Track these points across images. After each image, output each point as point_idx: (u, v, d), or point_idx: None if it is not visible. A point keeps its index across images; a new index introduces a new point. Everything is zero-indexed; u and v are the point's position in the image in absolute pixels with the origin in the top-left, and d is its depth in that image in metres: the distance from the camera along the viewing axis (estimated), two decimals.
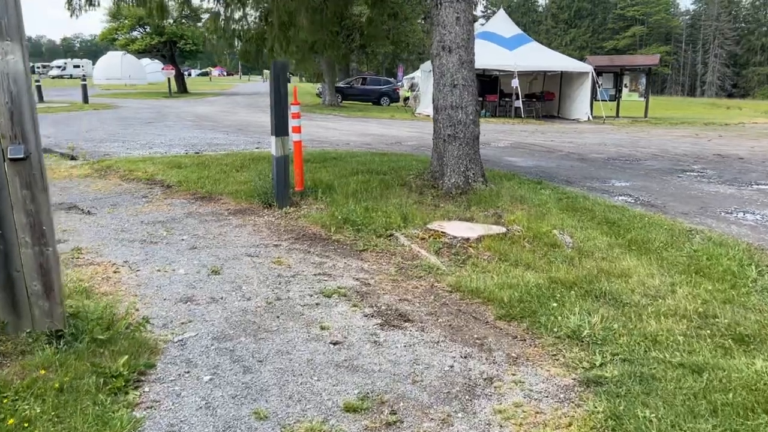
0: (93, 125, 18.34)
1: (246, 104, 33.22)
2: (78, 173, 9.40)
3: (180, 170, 8.99)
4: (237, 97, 41.22)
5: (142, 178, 8.67)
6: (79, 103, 27.93)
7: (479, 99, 27.43)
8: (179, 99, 36.86)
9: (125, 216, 6.47)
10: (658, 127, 23.16)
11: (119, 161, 10.05)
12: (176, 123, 19.78)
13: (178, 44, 41.82)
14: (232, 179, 8.23)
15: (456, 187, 7.62)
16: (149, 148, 13.19)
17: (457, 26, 7.62)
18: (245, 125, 19.73)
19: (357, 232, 5.57)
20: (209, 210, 6.76)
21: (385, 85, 38.95)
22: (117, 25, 41.24)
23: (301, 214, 6.36)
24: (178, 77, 43.52)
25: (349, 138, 16.60)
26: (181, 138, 15.32)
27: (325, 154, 11.30)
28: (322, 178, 8.14)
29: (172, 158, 10.31)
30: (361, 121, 24.09)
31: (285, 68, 6.41)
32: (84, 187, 8.22)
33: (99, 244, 5.37)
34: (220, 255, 5.10)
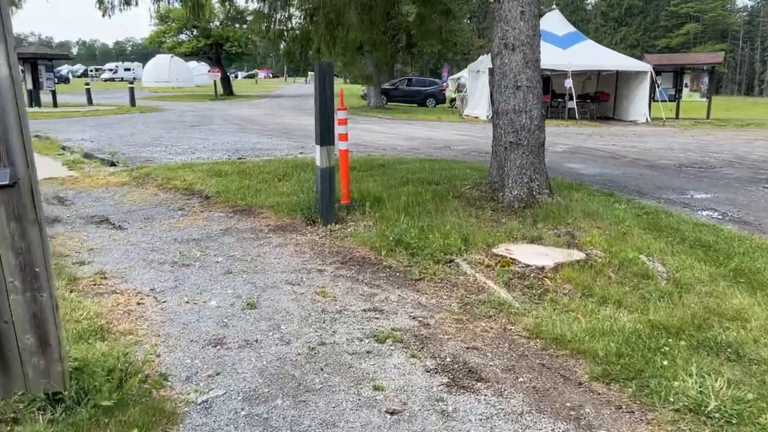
0: (137, 128, 18.23)
1: (290, 107, 32.98)
2: (116, 181, 9.02)
3: (220, 179, 8.49)
4: (282, 100, 41.13)
5: (180, 187, 8.21)
6: (126, 106, 28.17)
7: None
8: (225, 101, 36.97)
9: (158, 232, 5.95)
10: (724, 129, 21.69)
11: (158, 168, 9.64)
12: (220, 126, 19.52)
13: (224, 46, 42.02)
14: (273, 190, 7.66)
15: (518, 200, 6.85)
16: (191, 153, 12.83)
17: (521, 21, 6.86)
18: (290, 129, 19.31)
19: (411, 257, 4.88)
20: (248, 226, 6.19)
21: (431, 86, 38.18)
22: (165, 28, 41.71)
23: (347, 233, 5.72)
24: (224, 80, 43.76)
25: (395, 142, 15.95)
26: (225, 142, 14.95)
27: (372, 160, 10.67)
28: (369, 189, 7.49)
29: (213, 165, 9.84)
30: (407, 123, 23.41)
31: (330, 69, 5.79)
32: (119, 197, 7.79)
33: (126, 266, 4.84)
34: (258, 282, 4.49)
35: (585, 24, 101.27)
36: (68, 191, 8.21)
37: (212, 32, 41.08)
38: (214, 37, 41.04)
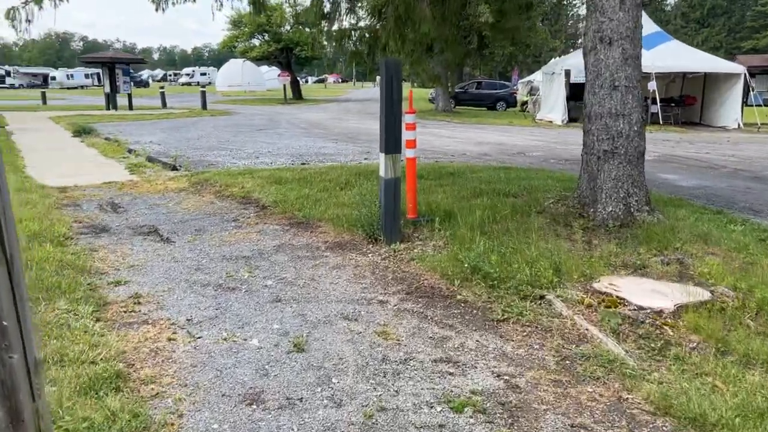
0: (206, 132, 18.20)
1: (357, 111, 32.63)
2: (174, 186, 8.65)
3: (279, 187, 7.94)
4: (349, 104, 40.94)
5: (237, 195, 7.72)
6: (197, 110, 28.58)
7: (574, 103, 24.93)
8: (293, 105, 37.09)
9: (207, 247, 5.41)
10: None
11: (218, 174, 9.23)
12: (287, 130, 19.26)
13: (294, 51, 42.26)
14: (333, 200, 7.03)
15: (613, 217, 5.91)
16: (255, 158, 12.47)
17: (620, 11, 5.93)
18: (355, 133, 18.80)
19: (491, 289, 4.07)
20: (304, 242, 5.56)
21: (502, 89, 36.95)
22: (237, 33, 42.40)
23: (414, 254, 4.97)
24: (294, 84, 44.05)
25: (465, 147, 15.10)
26: (290, 147, 14.57)
27: (441, 168, 9.89)
28: (438, 201, 6.73)
29: (273, 171, 9.34)
30: (477, 128, 22.46)
31: (398, 68, 5.07)
32: (174, 204, 7.37)
33: (165, 288, 4.29)
34: (309, 314, 3.83)
35: (664, 25, 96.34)
36: (124, 197, 7.89)
37: (283, 36, 41.39)
38: (284, 42, 41.33)
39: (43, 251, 4.70)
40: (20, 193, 7.35)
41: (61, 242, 5.19)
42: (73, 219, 6.39)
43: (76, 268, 4.49)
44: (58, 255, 4.69)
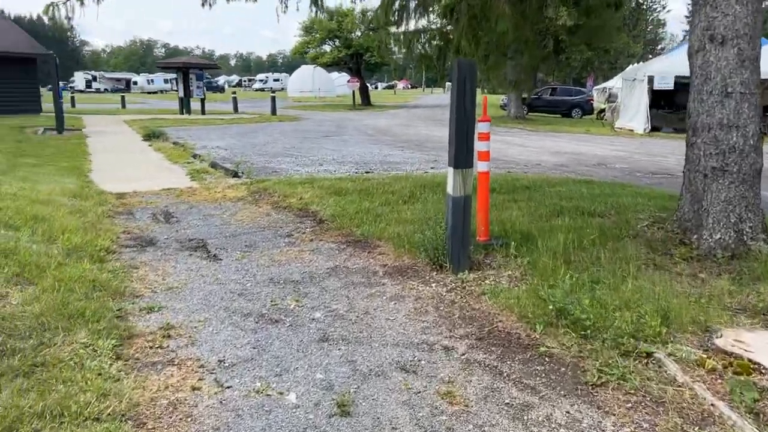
0: (273, 138, 18.07)
1: (425, 117, 32.01)
2: (232, 195, 8.30)
3: (339, 198, 7.42)
4: (417, 110, 40.39)
5: (294, 207, 7.24)
6: (267, 115, 28.77)
7: (657, 111, 23.12)
8: (362, 112, 36.90)
9: (254, 267, 4.92)
10: None
11: (278, 183, 8.83)
12: (353, 137, 18.87)
13: (363, 57, 42.17)
14: (395, 216, 6.42)
15: (722, 247, 5.00)
16: (319, 165, 12.07)
17: (737, 5, 5.03)
18: (422, 140, 18.17)
19: (583, 339, 3.33)
20: (360, 264, 4.97)
21: (578, 95, 35.38)
22: (309, 39, 42.75)
23: (485, 286, 4.27)
24: (363, 90, 43.96)
25: (539, 157, 14.18)
26: (355, 154, 14.11)
27: (514, 180, 9.10)
28: (513, 220, 6.00)
29: (335, 182, 8.84)
30: (552, 136, 21.35)
31: (473, 69, 4.40)
32: (229, 215, 6.98)
33: (201, 318, 3.80)
34: (360, 360, 3.22)
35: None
36: (180, 205, 7.58)
37: (353, 42, 41.37)
38: (354, 48, 41.31)
39: (78, 269, 4.32)
40: (76, 200, 7.16)
41: (101, 258, 4.83)
42: (122, 229, 6.08)
43: (108, 290, 4.07)
44: (93, 274, 4.30)
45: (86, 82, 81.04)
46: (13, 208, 5.58)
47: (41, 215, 5.60)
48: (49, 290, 3.82)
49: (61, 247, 4.80)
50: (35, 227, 5.12)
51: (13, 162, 11.03)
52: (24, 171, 9.72)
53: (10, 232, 4.81)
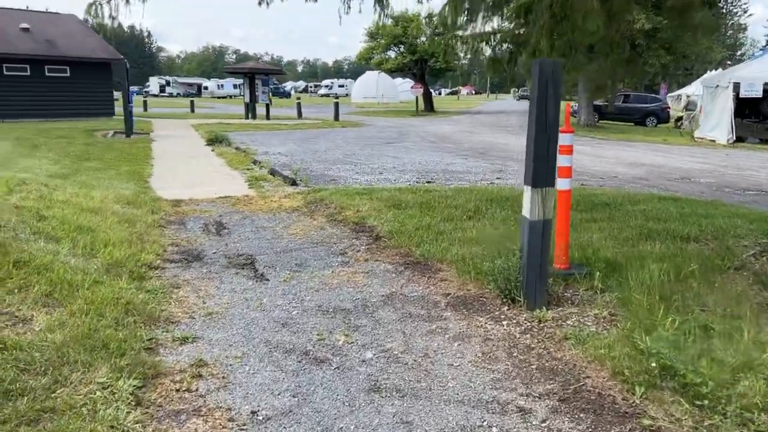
0: (334, 144, 17.80)
1: (490, 124, 31.15)
2: (287, 205, 7.94)
3: (398, 212, 6.91)
4: (481, 116, 39.52)
5: (350, 220, 6.78)
6: (330, 121, 28.69)
7: (741, 120, 21.25)
8: (424, 118, 36.38)
9: (303, 290, 4.46)
10: None
11: (335, 193, 8.40)
12: (415, 144, 18.36)
13: (428, 62, 41.66)
14: (459, 234, 5.84)
15: None
16: (378, 174, 11.62)
17: None
18: (487, 148, 17.45)
19: (698, 410, 2.65)
20: (419, 292, 4.42)
21: (652, 102, 33.61)
22: (373, 45, 42.63)
23: (567, 329, 3.63)
24: (426, 95, 43.44)
25: (614, 168, 13.22)
26: (416, 162, 13.59)
27: (591, 195, 8.32)
28: (594, 244, 5.30)
29: (394, 193, 8.33)
30: (626, 145, 20.13)
31: (557, 72, 3.78)
32: (282, 228, 6.59)
33: (238, 354, 3.36)
34: (416, 422, 2.67)
35: None
36: (234, 215, 7.27)
37: (418, 48, 40.94)
38: (419, 53, 40.86)
39: (114, 288, 3.98)
40: (128, 208, 6.95)
41: (141, 275, 4.49)
42: (170, 242, 5.78)
43: (142, 315, 3.70)
44: (129, 294, 3.95)
45: (160, 87, 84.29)
46: (60, 218, 5.35)
47: (87, 225, 5.35)
48: (77, 314, 3.47)
49: (100, 263, 4.49)
50: (78, 239, 4.85)
51: (77, 166, 11.13)
52: (85, 175, 9.72)
53: (50, 244, 4.54)
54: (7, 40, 24.61)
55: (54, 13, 29.40)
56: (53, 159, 12.02)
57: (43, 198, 5.98)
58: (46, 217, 5.21)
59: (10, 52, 24.00)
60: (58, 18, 28.89)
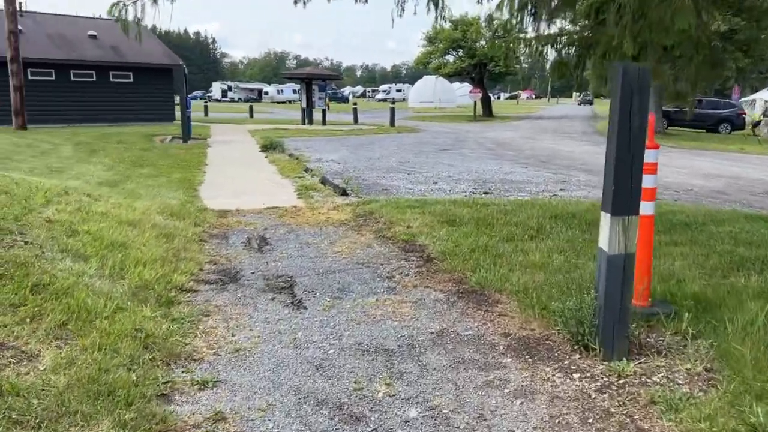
0: (388, 151, 17.38)
1: (551, 129, 30.06)
2: (335, 218, 7.53)
3: (451, 229, 6.36)
4: (542, 122, 38.30)
5: (400, 237, 6.28)
6: (386, 126, 28.35)
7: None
8: (482, 123, 35.56)
9: (343, 322, 3.99)
10: None
11: (385, 205, 7.93)
12: (472, 151, 17.72)
13: (487, 66, 40.81)
14: (520, 258, 5.24)
15: None
16: (433, 183, 11.10)
17: None
18: (549, 156, 16.61)
19: None
20: (474, 330, 3.87)
21: (727, 108, 31.67)
22: (432, 49, 42.12)
23: (655, 390, 3.00)
24: (485, 100, 42.57)
25: (689, 180, 12.21)
26: (472, 171, 12.99)
27: (668, 213, 7.53)
28: (677, 273, 4.61)
29: (448, 206, 7.79)
30: (699, 154, 18.83)
31: (644, 79, 3.17)
32: (327, 244, 6.16)
33: (263, 404, 2.91)
34: None
35: None
36: (279, 229, 6.91)
37: (477, 52, 40.17)
38: (478, 57, 40.10)
39: (136, 317, 3.62)
40: (170, 220, 6.70)
41: (169, 299, 4.13)
42: (208, 259, 5.44)
43: (163, 350, 3.31)
44: (152, 325, 3.58)
45: (222, 92, 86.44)
46: (93, 233, 5.09)
47: (121, 241, 5.07)
48: (89, 350, 3.12)
49: (128, 285, 4.17)
50: (108, 257, 4.56)
51: (129, 172, 11.11)
52: (134, 183, 9.63)
53: (76, 264, 4.25)
54: (75, 47, 25.48)
55: None
56: (107, 165, 12.09)
57: (81, 210, 5.76)
58: (79, 232, 4.96)
59: (77, 58, 24.83)
60: None
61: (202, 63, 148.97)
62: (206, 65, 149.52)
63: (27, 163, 11.74)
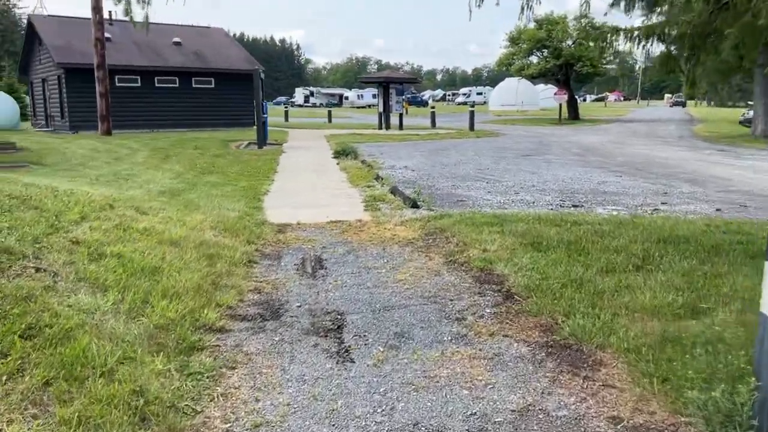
0: (465, 157, 16.40)
1: (644, 133, 27.90)
2: (402, 235, 6.71)
3: (537, 255, 5.37)
4: (634, 125, 35.86)
5: (474, 263, 5.36)
6: (464, 130, 27.28)
7: None
8: (568, 126, 33.70)
9: (396, 387, 3.14)
10: None
11: (458, 222, 7.01)
12: (557, 157, 16.40)
13: (574, 67, 38.72)
14: (626, 297, 4.19)
15: None
16: (514, 194, 10.06)
17: None
18: (644, 163, 15.04)
19: None
20: (570, 409, 2.90)
21: None
22: (515, 50, 40.51)
23: None
24: (570, 102, 40.48)
25: None
26: (559, 180, 11.79)
27: None
28: None
29: (532, 224, 6.76)
30: None
31: None
32: (389, 269, 5.34)
33: None
34: None
35: None
36: (338, 248, 6.17)
37: (563, 52, 38.22)
38: (564, 57, 38.12)
39: (142, 373, 2.93)
40: (222, 236, 6.10)
41: (191, 345, 3.43)
42: (252, 286, 4.76)
43: (163, 425, 2.59)
44: (158, 384, 2.88)
45: (304, 97, 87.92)
46: (126, 256, 4.52)
47: (153, 266, 4.46)
48: (65, 425, 2.44)
49: (145, 325, 3.51)
50: (130, 288, 3.93)
51: (195, 180, 10.78)
52: (197, 192, 9.22)
53: (91, 297, 3.64)
54: (160, 54, 26.13)
55: (204, 27, 30.97)
56: (176, 172, 11.86)
57: (120, 227, 5.24)
58: (106, 255, 4.39)
59: (161, 65, 25.42)
60: (206, 31, 30.38)
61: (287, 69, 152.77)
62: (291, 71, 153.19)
63: (97, 169, 11.72)
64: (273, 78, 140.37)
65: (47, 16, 28.10)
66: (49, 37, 24.39)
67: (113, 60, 23.63)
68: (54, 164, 12.62)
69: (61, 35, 24.58)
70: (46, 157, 13.69)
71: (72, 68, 23.21)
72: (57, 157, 13.95)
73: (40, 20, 26.68)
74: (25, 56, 28.77)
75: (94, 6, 20.87)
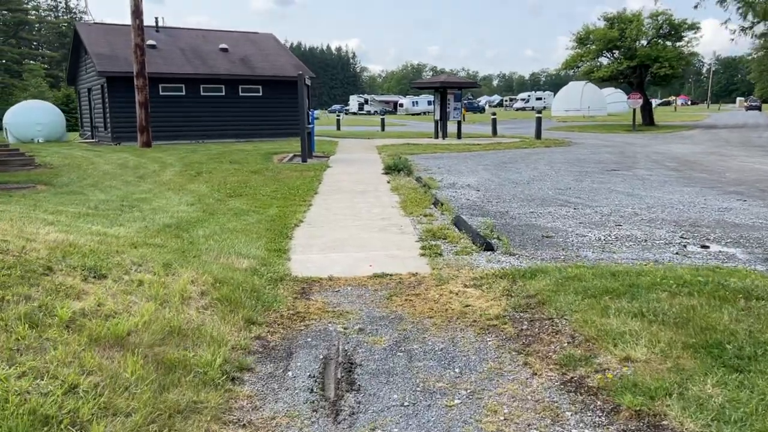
0: (538, 171, 13.98)
1: (738, 142, 24.56)
2: (478, 307, 4.52)
3: (733, 379, 3.04)
4: (719, 131, 32.25)
5: (618, 398, 3.07)
6: (530, 139, 24.73)
7: None
8: (645, 133, 30.49)
9: None
10: None
11: (563, 286, 4.73)
12: (650, 172, 13.74)
13: (650, 68, 35.35)
14: None
15: None
16: (615, 226, 7.72)
17: None
18: (762, 180, 12.22)
19: None
20: None
21: None
22: (582, 52, 37.45)
23: None
24: (645, 107, 37.08)
25: None
26: (666, 205, 9.29)
27: None
28: None
29: (682, 293, 4.39)
30: None
31: None
32: (465, 399, 3.14)
33: None
34: None
35: None
36: (383, 332, 4.02)
37: (638, 52, 34.96)
38: (639, 59, 34.84)
39: None
40: (213, 311, 4.05)
41: None
42: None
43: None
44: None
45: (359, 105, 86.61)
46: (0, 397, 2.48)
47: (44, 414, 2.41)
48: None
49: None
50: None
51: (215, 207, 8.86)
52: (209, 227, 7.25)
53: None
54: (206, 60, 24.76)
55: (252, 33, 29.56)
56: (198, 195, 10.01)
57: (36, 314, 3.23)
58: None
59: (207, 72, 24.03)
60: (255, 37, 28.94)
61: (343, 77, 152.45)
62: (347, 79, 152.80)
63: (108, 192, 10.00)
64: (329, 86, 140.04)
65: (93, 24, 27.33)
66: (93, 45, 23.39)
67: (157, 68, 22.37)
68: (64, 185, 11.01)
69: (104, 43, 23.56)
70: (62, 175, 12.16)
71: (114, 77, 22.08)
72: (74, 174, 12.40)
73: (85, 28, 25.83)
74: (73, 66, 28.07)
75: (134, 10, 19.58)
